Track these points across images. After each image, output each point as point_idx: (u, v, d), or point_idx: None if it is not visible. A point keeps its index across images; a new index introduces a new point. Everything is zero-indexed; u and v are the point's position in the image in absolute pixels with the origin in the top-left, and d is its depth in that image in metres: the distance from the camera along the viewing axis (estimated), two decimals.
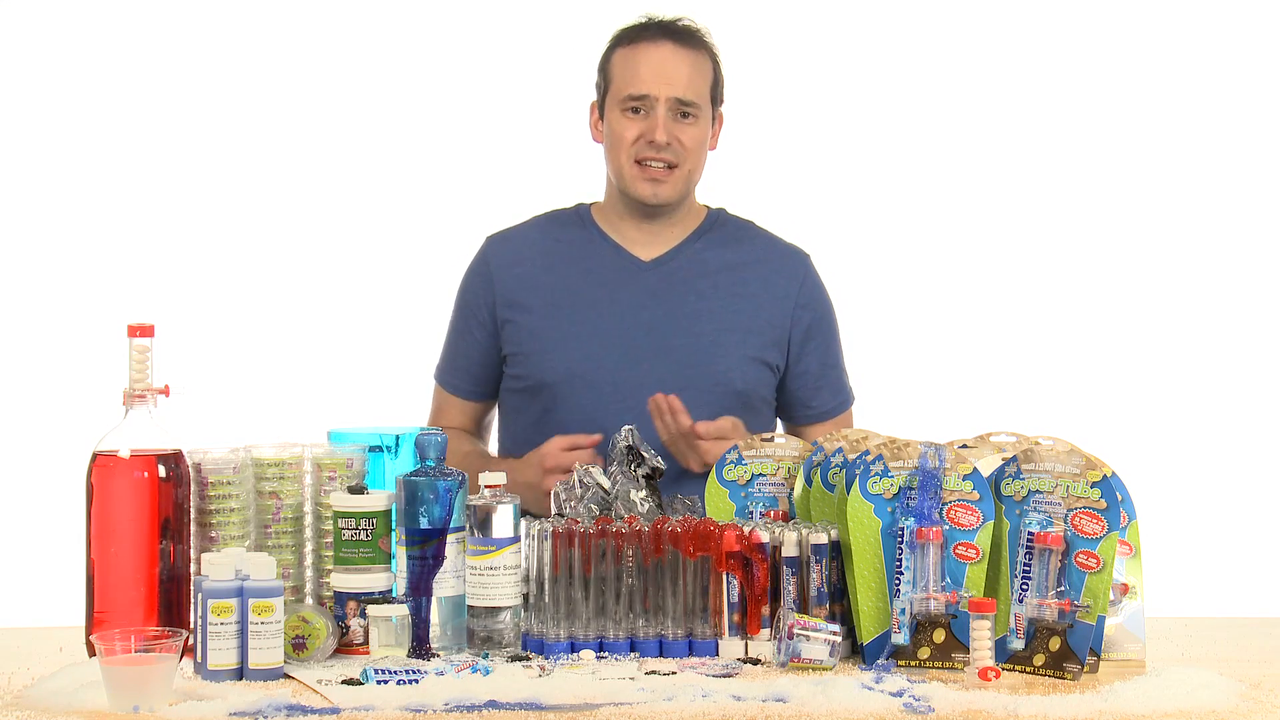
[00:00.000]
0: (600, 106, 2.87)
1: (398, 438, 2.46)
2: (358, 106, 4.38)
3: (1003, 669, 2.13)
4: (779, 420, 2.95)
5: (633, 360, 2.80)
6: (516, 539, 2.27)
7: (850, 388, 2.96)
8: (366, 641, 2.23)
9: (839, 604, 2.25)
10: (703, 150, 2.84)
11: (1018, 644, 2.15)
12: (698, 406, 2.74)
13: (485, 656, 2.19)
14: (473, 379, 2.92)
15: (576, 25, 2.96)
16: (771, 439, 2.51)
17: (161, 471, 2.23)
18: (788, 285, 2.89)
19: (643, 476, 2.45)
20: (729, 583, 2.24)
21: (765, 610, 2.23)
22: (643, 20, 2.85)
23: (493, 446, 2.99)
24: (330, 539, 2.31)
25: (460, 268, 2.97)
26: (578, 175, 3.09)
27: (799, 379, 2.89)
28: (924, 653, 2.16)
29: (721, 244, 2.90)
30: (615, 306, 2.84)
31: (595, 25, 2.93)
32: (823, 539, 2.23)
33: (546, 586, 2.26)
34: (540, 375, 2.83)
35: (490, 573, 2.25)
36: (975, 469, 2.22)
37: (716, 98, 2.86)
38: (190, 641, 2.12)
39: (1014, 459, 2.22)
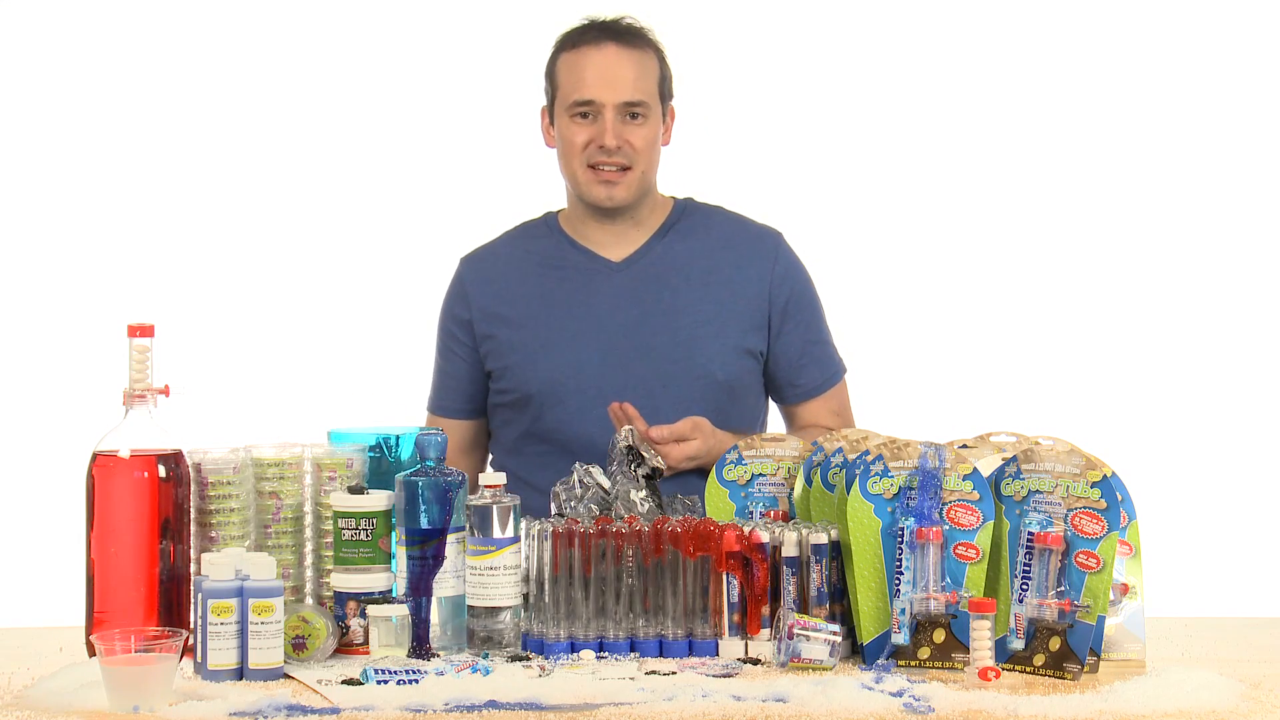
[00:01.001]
0: (550, 112, 2.87)
1: (398, 438, 2.46)
2: (359, 106, 4.37)
3: (1003, 669, 2.13)
4: (772, 404, 2.94)
5: (613, 363, 2.80)
6: (516, 539, 2.27)
7: (839, 360, 2.93)
8: (366, 641, 2.23)
9: (839, 604, 2.25)
10: (654, 149, 2.83)
11: (1018, 644, 2.15)
12: (683, 402, 2.75)
13: (485, 656, 2.19)
14: (462, 396, 2.92)
15: (549, 34, 2.95)
16: (770, 439, 2.51)
17: (161, 471, 2.23)
18: (761, 266, 2.87)
19: (643, 476, 2.45)
20: (729, 583, 2.24)
21: (765, 610, 2.23)
22: (584, 22, 2.85)
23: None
24: (330, 539, 2.32)
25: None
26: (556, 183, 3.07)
27: (781, 358, 2.87)
28: (924, 653, 2.16)
29: (690, 234, 2.89)
30: (591, 311, 2.84)
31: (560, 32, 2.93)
32: (823, 539, 2.23)
33: (546, 586, 2.26)
34: (524, 387, 2.83)
35: (490, 573, 2.25)
36: (975, 469, 2.22)
37: (665, 93, 2.85)
38: (190, 641, 2.12)
39: (1014, 459, 2.21)
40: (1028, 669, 2.13)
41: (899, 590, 2.19)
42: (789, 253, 2.92)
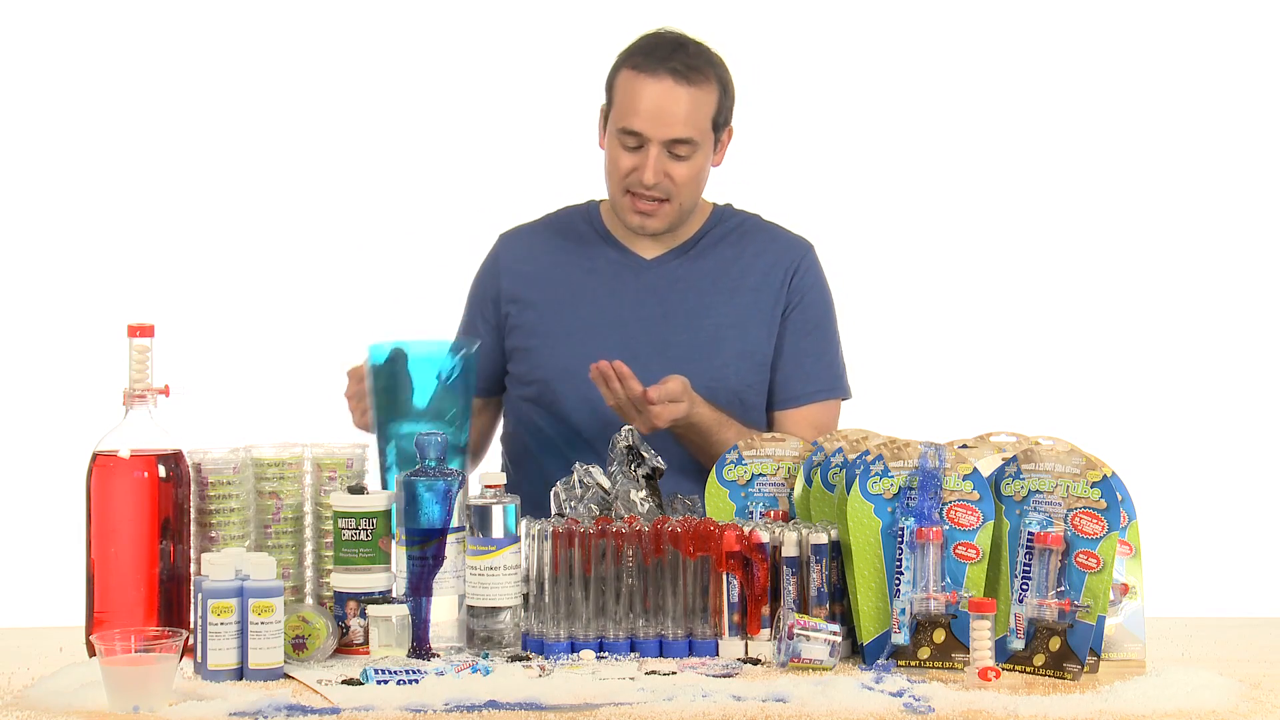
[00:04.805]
0: (605, 117, 2.83)
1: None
2: (361, 103, 4.37)
3: (1003, 669, 2.13)
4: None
5: (630, 357, 2.79)
6: (516, 539, 2.27)
7: (838, 381, 2.89)
8: (366, 641, 2.23)
9: (839, 604, 2.25)
10: (698, 179, 2.79)
11: (1018, 644, 2.15)
12: None
13: (485, 656, 2.19)
14: (479, 375, 2.90)
15: (587, 26, 2.92)
16: (770, 439, 2.51)
17: (161, 471, 2.23)
18: (783, 274, 2.87)
19: (643, 476, 2.45)
20: (729, 583, 2.24)
21: (765, 610, 2.23)
22: (652, 39, 2.78)
23: (496, 447, 2.99)
24: (330, 539, 2.32)
25: (464, 268, 2.98)
26: (589, 174, 3.05)
27: (773, 361, 2.87)
28: (924, 653, 2.16)
29: (723, 241, 2.89)
30: (615, 303, 2.84)
31: (605, 25, 2.90)
32: (823, 539, 2.23)
33: (546, 586, 2.26)
34: (539, 372, 2.83)
35: (490, 573, 2.25)
36: (975, 469, 2.22)
37: (720, 122, 2.80)
38: (190, 641, 2.12)
39: (1014, 459, 2.22)
40: (1028, 669, 2.13)
41: (899, 590, 2.19)
42: (814, 264, 2.90)
